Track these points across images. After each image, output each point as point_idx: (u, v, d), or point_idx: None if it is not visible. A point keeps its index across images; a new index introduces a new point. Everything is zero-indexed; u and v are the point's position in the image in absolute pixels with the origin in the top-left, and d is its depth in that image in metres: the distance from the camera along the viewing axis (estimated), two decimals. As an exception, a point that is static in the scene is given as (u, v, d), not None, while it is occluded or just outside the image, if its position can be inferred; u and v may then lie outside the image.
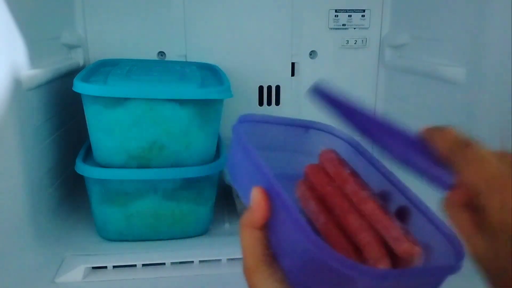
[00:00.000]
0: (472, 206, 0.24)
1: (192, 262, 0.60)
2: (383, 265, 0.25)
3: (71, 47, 0.80)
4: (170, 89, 0.58)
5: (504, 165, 0.23)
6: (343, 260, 0.22)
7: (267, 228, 0.27)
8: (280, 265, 0.26)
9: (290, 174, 0.32)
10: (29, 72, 0.60)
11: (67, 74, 0.73)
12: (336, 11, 0.89)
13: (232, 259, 0.61)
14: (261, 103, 0.93)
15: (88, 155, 0.64)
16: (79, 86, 0.56)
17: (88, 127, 0.60)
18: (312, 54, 0.92)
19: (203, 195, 0.65)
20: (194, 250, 0.62)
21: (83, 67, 0.81)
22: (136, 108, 0.57)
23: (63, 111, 0.74)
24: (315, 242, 0.23)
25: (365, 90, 0.95)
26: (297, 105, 0.94)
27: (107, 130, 0.58)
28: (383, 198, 0.30)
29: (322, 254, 0.22)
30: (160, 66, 0.72)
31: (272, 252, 0.27)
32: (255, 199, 0.27)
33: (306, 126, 0.36)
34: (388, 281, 0.22)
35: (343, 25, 0.90)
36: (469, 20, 0.64)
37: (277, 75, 0.92)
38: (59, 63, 0.72)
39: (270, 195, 0.26)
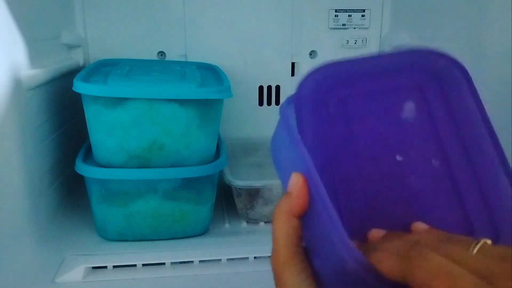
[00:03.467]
0: None
1: (192, 262, 0.60)
2: None
3: (71, 47, 0.80)
4: (170, 89, 0.58)
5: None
6: (380, 278, 0.19)
7: (302, 220, 0.25)
8: (311, 261, 0.24)
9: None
10: (29, 72, 0.60)
11: (67, 74, 0.73)
12: (336, 11, 0.89)
13: (232, 259, 0.61)
14: (261, 103, 0.93)
15: (88, 155, 0.64)
16: (79, 86, 0.56)
17: (88, 127, 0.60)
18: (312, 54, 0.92)
19: (203, 195, 0.65)
20: (194, 250, 0.62)
21: (83, 67, 0.81)
22: (136, 108, 0.57)
23: (63, 111, 0.74)
24: (351, 252, 0.20)
25: (365, 90, 0.95)
26: (297, 105, 0.94)
27: (107, 130, 0.58)
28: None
29: (357, 267, 0.20)
30: (160, 66, 0.72)
31: (305, 246, 0.25)
32: (296, 185, 0.24)
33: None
34: None
35: (343, 25, 0.90)
36: (469, 20, 0.64)
37: (277, 75, 0.92)
38: (59, 63, 0.72)
39: (309, 186, 0.24)
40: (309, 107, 0.26)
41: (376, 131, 0.26)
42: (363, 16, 0.90)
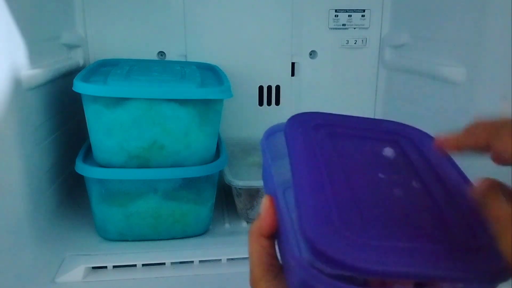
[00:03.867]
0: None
1: (192, 262, 0.60)
2: None
3: (71, 47, 0.80)
4: (170, 89, 0.58)
5: None
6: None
7: (275, 238, 0.27)
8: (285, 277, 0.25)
9: None
10: (29, 72, 0.60)
11: (67, 74, 0.73)
12: (336, 11, 0.89)
13: (232, 259, 0.61)
14: (261, 103, 0.93)
15: (88, 155, 0.64)
16: (79, 86, 0.56)
17: (88, 127, 0.60)
18: (312, 54, 0.92)
19: (203, 195, 0.65)
20: (194, 250, 0.62)
21: (83, 67, 0.81)
22: (136, 108, 0.57)
23: (63, 111, 0.74)
24: (300, 263, 0.21)
25: (365, 90, 0.95)
26: (297, 105, 0.94)
27: (107, 130, 0.58)
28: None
29: (308, 277, 0.21)
30: (160, 66, 0.72)
31: (279, 263, 0.26)
32: (263, 206, 0.26)
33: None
34: None
35: (343, 25, 0.90)
36: (469, 20, 0.64)
37: (277, 75, 0.92)
38: (59, 63, 0.72)
39: (276, 205, 0.26)
40: (300, 131, 0.29)
41: (359, 157, 0.29)
42: (363, 16, 0.90)
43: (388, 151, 0.30)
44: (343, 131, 0.30)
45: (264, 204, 0.26)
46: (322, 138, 0.29)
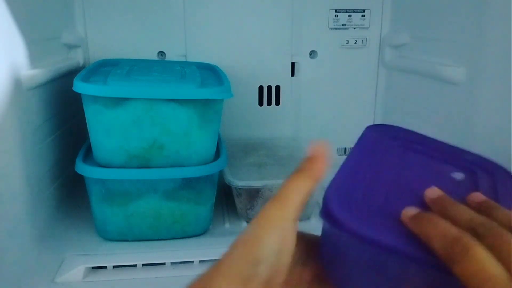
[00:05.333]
0: None
1: (192, 262, 0.60)
2: None
3: (71, 47, 0.80)
4: (170, 89, 0.58)
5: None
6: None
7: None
8: None
9: None
10: (29, 72, 0.60)
11: (67, 74, 0.73)
12: (336, 11, 0.89)
13: (232, 259, 0.61)
14: (261, 103, 0.93)
15: (88, 155, 0.64)
16: (79, 86, 0.56)
17: (88, 127, 0.60)
18: (312, 54, 0.92)
19: (203, 195, 0.65)
20: (194, 250, 0.62)
21: (83, 67, 0.81)
22: (136, 108, 0.57)
23: (63, 111, 0.74)
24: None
25: (365, 90, 0.95)
26: (297, 105, 0.94)
27: (107, 130, 0.58)
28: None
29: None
30: (160, 66, 0.72)
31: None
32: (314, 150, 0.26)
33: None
34: None
35: (343, 25, 0.90)
36: (469, 20, 0.64)
37: (277, 75, 0.92)
38: (59, 63, 0.72)
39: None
40: (375, 135, 0.32)
41: (422, 172, 0.29)
42: (363, 16, 0.90)
43: (458, 175, 0.29)
44: (420, 148, 0.31)
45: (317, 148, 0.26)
46: (393, 146, 0.30)
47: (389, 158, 0.29)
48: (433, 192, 0.25)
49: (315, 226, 0.32)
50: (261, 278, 0.22)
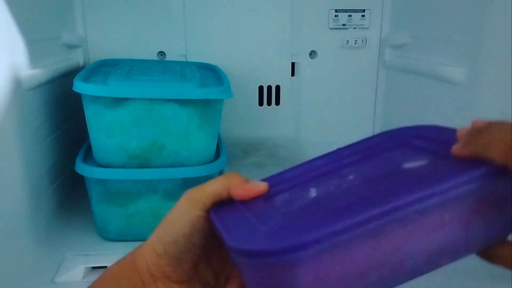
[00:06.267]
0: None
1: (192, 262, 0.60)
2: None
3: (71, 47, 0.80)
4: (170, 89, 0.58)
5: None
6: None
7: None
8: None
9: None
10: (29, 72, 0.60)
11: (67, 74, 0.73)
12: (336, 11, 0.89)
13: (232, 259, 0.61)
14: (261, 103, 0.93)
15: (88, 155, 0.64)
16: (79, 86, 0.56)
17: (88, 127, 0.60)
18: (312, 54, 0.92)
19: (203, 195, 0.65)
20: (194, 250, 0.62)
21: (83, 67, 0.81)
22: (136, 108, 0.57)
23: (63, 111, 0.74)
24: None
25: (365, 90, 0.95)
26: (297, 105, 0.94)
27: (107, 130, 0.58)
28: None
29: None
30: (160, 66, 0.72)
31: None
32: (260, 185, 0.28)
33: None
34: None
35: (343, 25, 0.90)
36: (469, 20, 0.64)
37: (277, 75, 0.92)
38: (59, 63, 0.72)
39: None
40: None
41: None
42: (363, 16, 0.90)
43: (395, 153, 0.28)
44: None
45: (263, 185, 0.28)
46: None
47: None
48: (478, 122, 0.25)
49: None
50: (170, 255, 0.27)
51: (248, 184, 0.28)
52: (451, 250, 0.22)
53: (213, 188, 0.28)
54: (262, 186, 0.27)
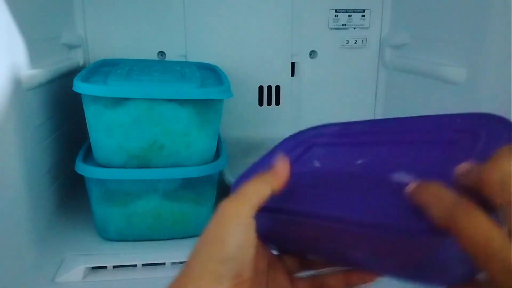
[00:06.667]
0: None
1: (192, 262, 0.60)
2: None
3: (71, 47, 0.80)
4: (170, 89, 0.58)
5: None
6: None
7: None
8: None
9: None
10: (29, 72, 0.60)
11: (67, 74, 0.73)
12: (336, 11, 0.89)
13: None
14: (261, 103, 0.93)
15: (88, 155, 0.64)
16: (79, 86, 0.56)
17: (88, 127, 0.60)
18: (312, 54, 0.92)
19: (203, 195, 0.65)
20: (194, 250, 0.62)
21: (83, 67, 0.81)
22: (136, 108, 0.57)
23: (63, 111, 0.74)
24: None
25: (365, 90, 0.95)
26: (297, 105, 0.94)
27: (107, 130, 0.58)
28: None
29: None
30: (160, 66, 0.72)
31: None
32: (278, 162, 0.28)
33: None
34: None
35: (343, 25, 0.90)
36: (469, 20, 0.64)
37: (277, 75, 0.92)
38: (59, 63, 0.72)
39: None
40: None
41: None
42: (363, 16, 0.90)
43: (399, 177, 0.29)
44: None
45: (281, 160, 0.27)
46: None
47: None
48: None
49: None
50: (231, 274, 0.24)
51: (276, 170, 0.27)
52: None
53: (253, 196, 0.26)
54: (283, 165, 0.27)
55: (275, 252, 0.31)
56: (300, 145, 0.33)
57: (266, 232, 0.28)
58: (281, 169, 0.27)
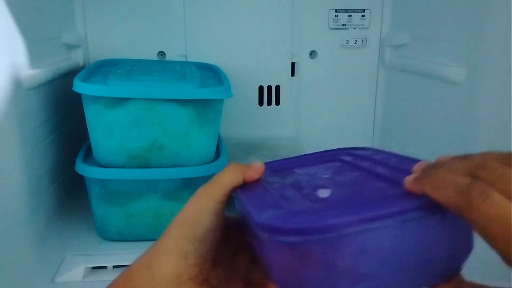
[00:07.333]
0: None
1: (192, 262, 0.60)
2: None
3: (71, 47, 0.80)
4: (170, 89, 0.58)
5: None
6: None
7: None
8: None
9: None
10: (29, 72, 0.60)
11: (67, 74, 0.73)
12: (336, 11, 0.89)
13: (232, 259, 0.61)
14: (261, 103, 0.93)
15: (88, 155, 0.64)
16: (79, 86, 0.56)
17: (88, 127, 0.60)
18: (312, 54, 0.92)
19: (203, 195, 0.65)
20: (194, 250, 0.62)
21: (83, 67, 0.81)
22: (136, 108, 0.57)
23: (63, 111, 0.74)
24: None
25: (365, 90, 0.95)
26: (297, 105, 0.94)
27: (107, 130, 0.58)
28: None
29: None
30: (160, 66, 0.72)
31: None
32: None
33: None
34: None
35: (343, 25, 0.90)
36: (469, 20, 0.64)
37: (277, 75, 0.92)
38: (59, 63, 0.72)
39: None
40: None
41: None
42: (363, 16, 0.90)
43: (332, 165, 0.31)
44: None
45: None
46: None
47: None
48: (420, 165, 0.25)
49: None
50: (198, 253, 0.26)
51: (252, 165, 0.29)
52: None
53: (226, 180, 0.29)
54: (260, 164, 0.29)
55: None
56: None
57: (241, 218, 0.28)
58: (257, 165, 0.29)
